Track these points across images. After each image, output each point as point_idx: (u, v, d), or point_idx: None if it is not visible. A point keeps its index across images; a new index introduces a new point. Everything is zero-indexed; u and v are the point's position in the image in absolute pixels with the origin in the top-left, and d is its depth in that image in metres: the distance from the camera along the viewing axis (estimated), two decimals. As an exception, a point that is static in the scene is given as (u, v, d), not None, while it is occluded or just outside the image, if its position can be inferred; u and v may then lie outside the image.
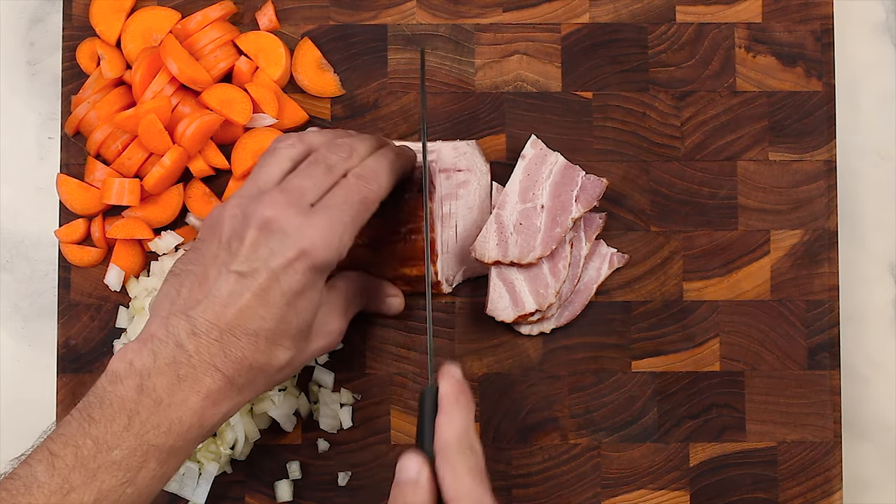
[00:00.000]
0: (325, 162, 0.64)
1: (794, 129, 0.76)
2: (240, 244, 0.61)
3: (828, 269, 0.75)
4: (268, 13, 0.76)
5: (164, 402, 0.58)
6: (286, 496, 0.74)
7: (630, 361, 0.75)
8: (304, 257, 0.60)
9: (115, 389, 0.58)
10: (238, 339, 0.60)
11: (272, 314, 0.60)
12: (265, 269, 0.60)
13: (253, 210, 0.61)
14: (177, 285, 0.62)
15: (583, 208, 0.73)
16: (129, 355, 0.59)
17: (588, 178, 0.73)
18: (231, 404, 0.60)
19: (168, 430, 0.58)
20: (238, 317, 0.60)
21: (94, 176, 0.74)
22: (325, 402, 0.74)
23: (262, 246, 0.60)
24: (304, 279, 0.61)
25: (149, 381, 0.58)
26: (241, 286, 0.60)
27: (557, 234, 0.72)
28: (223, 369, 0.59)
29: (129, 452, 0.57)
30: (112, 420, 0.57)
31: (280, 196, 0.61)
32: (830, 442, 0.74)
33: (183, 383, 0.59)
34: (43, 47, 0.79)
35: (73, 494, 0.56)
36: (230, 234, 0.61)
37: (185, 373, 0.59)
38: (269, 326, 0.60)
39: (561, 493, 0.74)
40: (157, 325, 0.61)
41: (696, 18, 0.76)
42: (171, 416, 0.58)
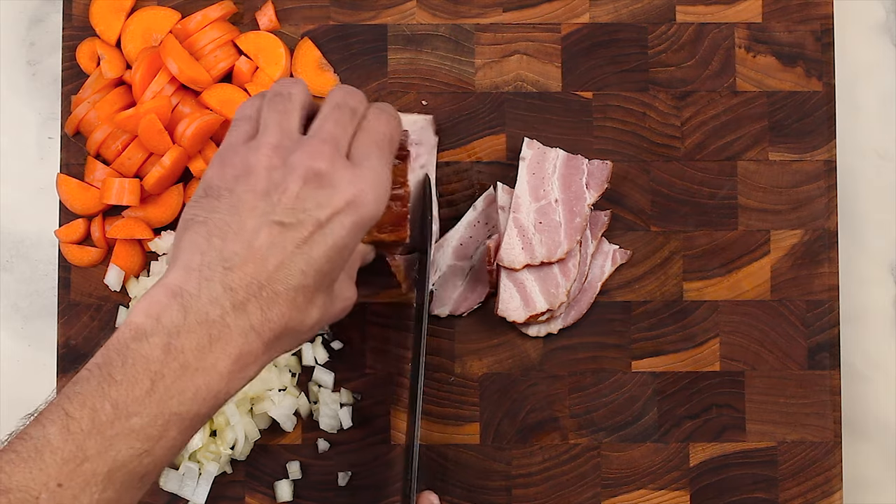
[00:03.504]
0: (349, 105, 0.61)
1: (794, 129, 0.76)
2: (282, 195, 0.57)
3: (828, 269, 0.75)
4: (268, 13, 0.76)
5: (191, 366, 0.54)
6: (286, 496, 0.74)
7: (630, 361, 0.75)
8: (352, 209, 0.58)
9: (139, 347, 0.53)
10: (278, 295, 0.56)
11: (314, 269, 0.57)
12: (311, 220, 0.57)
13: (298, 161, 0.57)
14: (205, 234, 0.57)
15: (595, 193, 0.73)
16: (155, 308, 0.54)
17: (592, 164, 0.74)
18: (258, 367, 0.57)
19: (193, 396, 0.54)
20: (279, 270, 0.56)
21: (94, 176, 0.74)
22: (325, 402, 0.74)
23: (309, 198, 0.57)
24: (349, 233, 0.58)
25: (177, 341, 0.54)
26: (284, 238, 0.56)
27: (579, 224, 0.72)
28: (259, 330, 0.55)
29: (150, 420, 0.52)
30: (134, 382, 0.53)
31: (323, 146, 0.58)
32: (830, 442, 0.74)
33: (215, 345, 0.54)
34: (43, 47, 0.79)
35: (87, 464, 0.51)
36: (269, 185, 0.57)
37: (217, 333, 0.54)
38: (308, 283, 0.57)
39: (561, 493, 0.74)
40: (186, 276, 0.56)
41: (696, 18, 0.76)
42: (199, 381, 0.54)
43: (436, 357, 0.74)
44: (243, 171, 0.58)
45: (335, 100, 0.62)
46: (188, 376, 0.54)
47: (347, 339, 0.75)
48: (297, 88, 0.62)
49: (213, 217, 0.57)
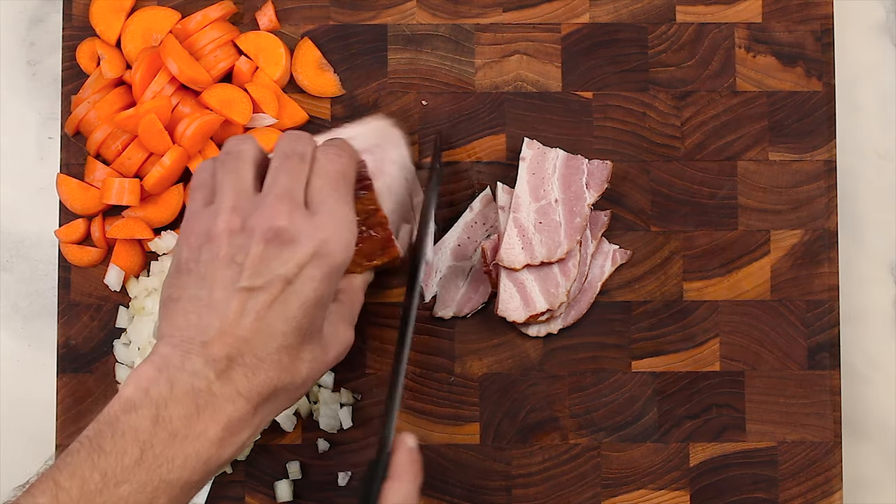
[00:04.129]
0: (297, 153, 0.60)
1: (794, 129, 0.76)
2: (245, 259, 0.57)
3: (828, 269, 0.75)
4: (268, 13, 0.76)
5: (180, 434, 0.54)
6: (286, 496, 0.74)
7: (630, 361, 0.75)
8: (319, 260, 0.58)
9: (128, 419, 0.54)
10: (261, 360, 0.56)
11: (292, 327, 0.57)
12: (279, 279, 0.57)
13: (256, 222, 0.57)
14: (181, 311, 0.57)
15: (595, 193, 0.73)
16: (143, 382, 0.55)
17: (592, 164, 0.74)
18: (251, 431, 0.57)
19: (183, 464, 0.54)
20: (256, 335, 0.56)
21: (94, 176, 0.74)
22: (325, 402, 0.74)
23: (273, 258, 0.57)
24: (321, 284, 0.58)
25: (165, 412, 0.54)
26: (255, 302, 0.56)
27: (578, 224, 0.72)
28: (246, 394, 0.56)
29: (139, 487, 0.53)
30: (123, 452, 0.53)
31: (279, 203, 0.58)
32: (830, 442, 0.74)
33: (202, 413, 0.55)
34: (43, 47, 0.79)
35: None
36: (232, 251, 0.57)
37: (204, 402, 0.55)
38: (290, 342, 0.57)
39: (561, 493, 0.74)
40: (170, 351, 0.56)
41: (696, 18, 0.76)
42: (188, 449, 0.54)
43: (436, 357, 0.74)
44: (205, 239, 0.58)
45: (282, 150, 0.61)
46: (177, 444, 0.54)
47: (347, 339, 0.75)
48: (246, 145, 0.61)
49: (185, 294, 0.58)
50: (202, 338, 0.56)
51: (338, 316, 0.63)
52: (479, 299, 0.74)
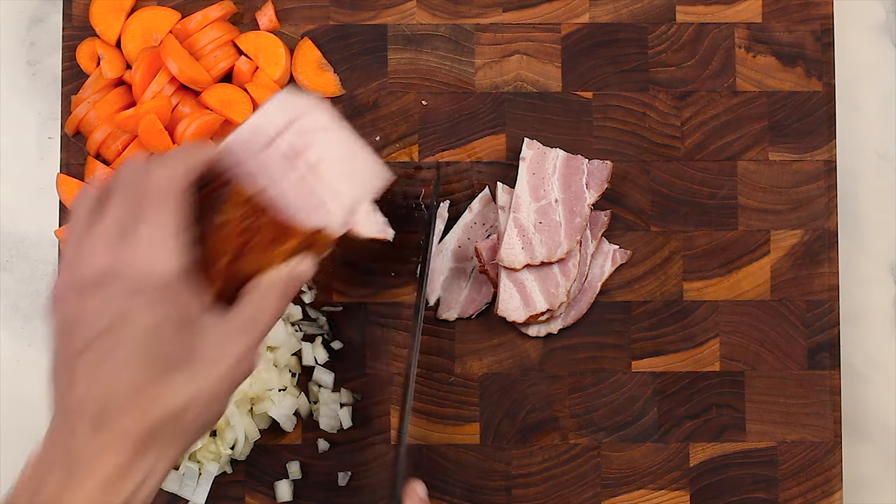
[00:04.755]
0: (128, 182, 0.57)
1: (794, 129, 0.76)
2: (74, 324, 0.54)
3: (828, 269, 0.75)
4: (268, 13, 0.76)
5: None
6: (286, 496, 0.74)
7: (630, 361, 0.75)
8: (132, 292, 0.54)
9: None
10: (120, 401, 0.53)
11: (132, 367, 0.53)
12: (99, 323, 0.54)
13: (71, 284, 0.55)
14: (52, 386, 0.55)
15: (595, 193, 0.73)
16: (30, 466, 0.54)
17: (592, 164, 0.74)
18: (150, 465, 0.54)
19: None
20: (107, 384, 0.53)
21: (94, 176, 0.74)
22: (325, 402, 0.74)
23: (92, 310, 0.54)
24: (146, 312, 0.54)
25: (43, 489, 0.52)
26: (92, 355, 0.53)
27: (578, 224, 0.72)
28: (115, 445, 0.53)
29: None
30: None
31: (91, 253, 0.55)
32: (830, 442, 0.74)
33: (73, 477, 0.52)
34: (43, 47, 0.79)
35: None
36: (65, 323, 0.55)
37: (76, 464, 0.52)
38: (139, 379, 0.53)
39: (561, 493, 0.74)
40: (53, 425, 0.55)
41: (696, 18, 0.76)
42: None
43: (436, 357, 0.74)
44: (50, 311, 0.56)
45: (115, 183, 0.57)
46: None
47: (347, 339, 0.75)
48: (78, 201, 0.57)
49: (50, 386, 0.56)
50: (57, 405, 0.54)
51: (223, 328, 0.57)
52: (483, 300, 0.74)
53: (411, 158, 0.75)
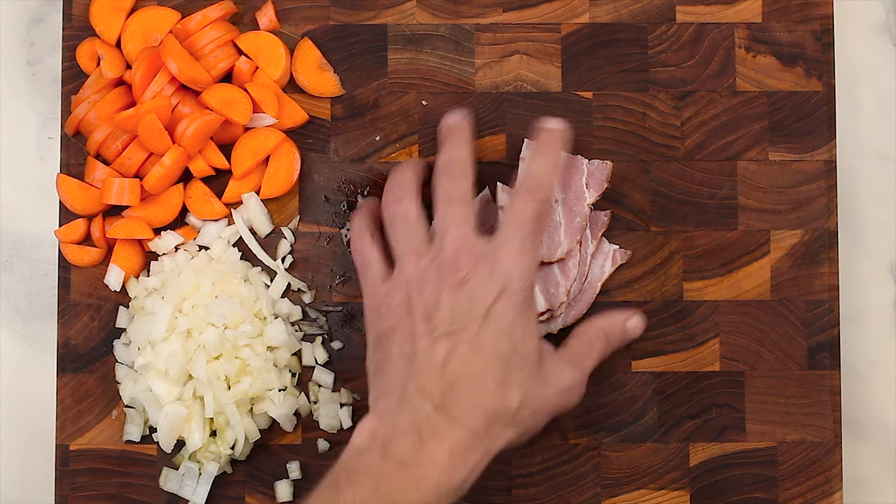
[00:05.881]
0: (457, 195, 0.67)
1: (794, 129, 0.76)
2: (438, 312, 0.63)
3: (828, 269, 0.75)
4: (268, 13, 0.76)
5: (408, 463, 0.60)
6: (286, 496, 0.74)
7: (630, 361, 0.75)
8: (504, 295, 0.63)
9: (360, 460, 0.61)
10: (468, 388, 0.62)
11: (491, 356, 0.63)
12: (472, 319, 0.63)
13: (438, 278, 0.64)
14: (391, 371, 0.64)
15: (595, 193, 0.73)
16: (367, 430, 0.62)
17: (592, 164, 0.74)
18: (479, 455, 0.62)
19: (416, 487, 0.60)
20: (461, 369, 0.62)
21: (94, 176, 0.74)
22: (325, 402, 0.74)
23: (462, 302, 0.63)
24: (510, 313, 0.63)
25: (392, 447, 0.61)
26: (455, 342, 0.63)
27: (578, 224, 0.72)
28: (462, 421, 0.62)
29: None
30: (359, 485, 0.60)
31: (456, 256, 0.64)
32: (830, 442, 0.74)
33: (426, 443, 0.61)
34: (43, 47, 0.79)
35: None
36: (427, 309, 0.64)
37: (426, 433, 0.61)
38: (491, 367, 0.63)
39: (561, 493, 0.74)
40: (384, 403, 0.64)
41: (696, 18, 0.76)
42: (418, 474, 0.60)
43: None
44: (398, 305, 0.65)
45: (444, 193, 0.67)
46: (407, 472, 0.60)
47: (347, 339, 0.75)
48: (406, 201, 0.68)
49: (390, 354, 0.65)
50: (414, 382, 0.63)
51: (560, 357, 0.68)
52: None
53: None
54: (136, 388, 0.72)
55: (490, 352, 0.63)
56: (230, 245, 0.75)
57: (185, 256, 0.74)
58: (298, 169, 0.75)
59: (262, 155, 0.74)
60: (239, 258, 0.75)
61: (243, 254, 0.75)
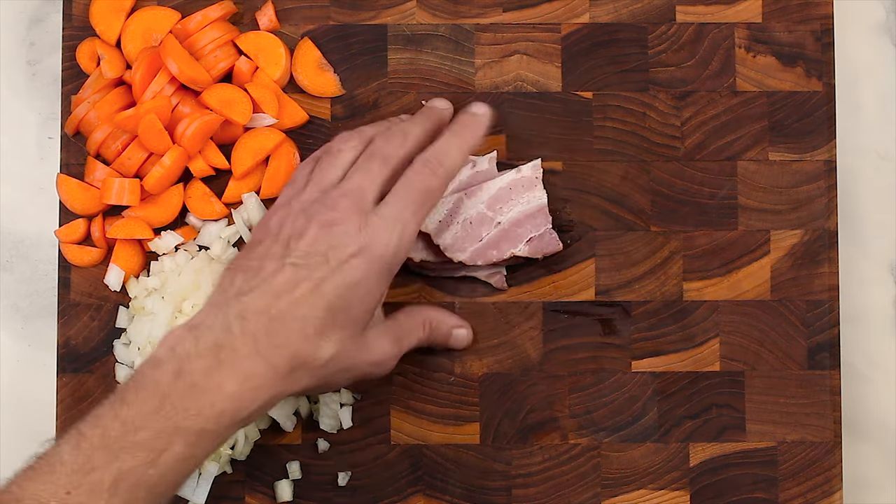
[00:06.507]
0: (381, 154, 0.66)
1: (794, 129, 0.76)
2: (298, 240, 0.62)
3: (828, 269, 0.75)
4: (268, 13, 0.76)
5: (198, 385, 0.58)
6: (286, 496, 0.74)
7: (630, 361, 0.75)
8: (362, 254, 0.62)
9: (152, 374, 0.59)
10: (286, 324, 0.60)
11: (323, 303, 0.61)
12: (324, 262, 0.62)
13: (315, 211, 0.63)
14: (230, 278, 0.63)
15: (527, 252, 0.72)
16: (171, 341, 0.60)
17: (551, 234, 0.72)
18: (272, 393, 0.60)
19: (198, 413, 0.58)
20: (290, 306, 0.61)
21: (94, 176, 0.74)
22: (325, 402, 0.74)
23: (322, 242, 0.62)
24: (361, 273, 0.62)
25: (187, 366, 0.59)
26: (297, 276, 0.61)
27: (490, 256, 0.72)
28: (266, 354, 0.60)
29: (155, 434, 0.57)
30: (144, 403, 0.58)
31: (342, 199, 0.63)
32: (830, 442, 0.74)
33: (222, 367, 0.59)
34: (43, 47, 0.79)
35: (94, 474, 0.56)
36: (290, 233, 0.63)
37: (225, 356, 0.59)
38: (318, 315, 0.61)
39: (561, 493, 0.74)
40: (205, 312, 0.62)
41: (696, 18, 0.76)
42: (204, 399, 0.58)
43: (436, 357, 0.74)
44: (274, 222, 0.65)
45: (370, 149, 0.66)
46: (194, 395, 0.58)
47: (347, 339, 0.75)
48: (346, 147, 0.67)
49: (243, 263, 0.64)
50: (241, 297, 0.61)
51: (385, 328, 0.68)
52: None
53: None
54: (136, 388, 0.72)
55: (324, 301, 0.61)
56: (230, 245, 0.75)
57: (185, 256, 0.74)
58: (298, 169, 0.75)
59: (262, 155, 0.74)
60: (239, 258, 0.75)
61: (243, 254, 0.75)
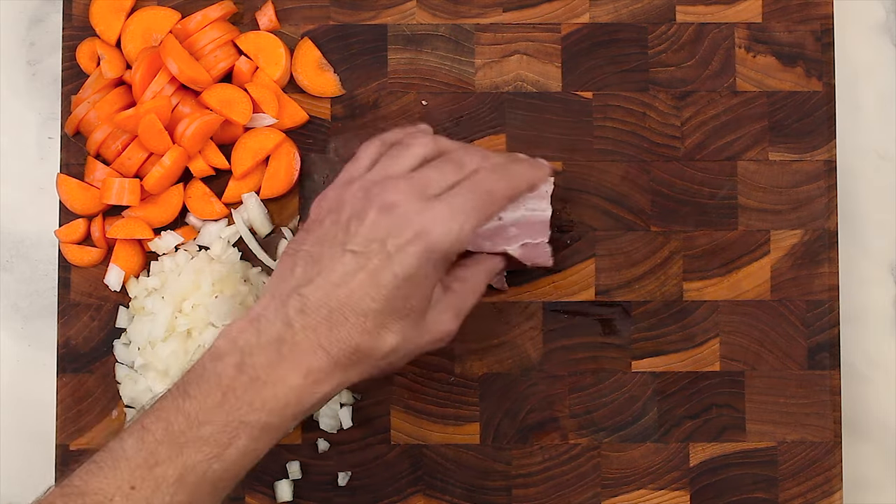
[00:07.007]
0: (457, 160, 0.65)
1: (794, 129, 0.76)
2: (359, 225, 0.61)
3: (828, 269, 0.75)
4: (268, 13, 0.76)
5: (261, 379, 0.58)
6: (286, 496, 0.74)
7: (630, 361, 0.75)
8: (420, 240, 0.60)
9: (214, 366, 0.59)
10: (346, 318, 0.60)
11: (382, 295, 0.60)
12: (380, 249, 0.60)
13: (377, 193, 0.62)
14: (290, 265, 0.62)
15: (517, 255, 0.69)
16: (233, 333, 0.60)
17: (545, 248, 0.70)
18: (333, 385, 0.60)
19: (262, 406, 0.58)
20: (349, 296, 0.60)
21: (94, 176, 0.74)
22: (325, 402, 0.74)
23: (381, 227, 0.61)
24: (417, 262, 0.61)
25: (250, 359, 0.58)
26: (355, 265, 0.60)
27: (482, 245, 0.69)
28: (328, 348, 0.59)
29: (220, 428, 0.57)
30: (207, 396, 0.57)
31: (405, 183, 0.62)
32: (830, 442, 0.74)
33: (284, 361, 0.59)
34: (43, 47, 0.79)
35: (158, 468, 0.56)
36: (350, 215, 0.62)
37: (287, 350, 0.59)
38: (377, 307, 0.60)
39: (561, 493, 0.74)
40: (266, 303, 0.61)
41: (696, 18, 0.76)
42: (267, 393, 0.58)
43: (436, 357, 0.74)
44: (335, 202, 0.63)
45: (449, 155, 0.65)
46: (256, 388, 0.58)
47: (347, 339, 0.75)
48: (420, 143, 0.65)
49: (301, 249, 0.62)
50: (301, 289, 0.60)
51: (445, 305, 0.65)
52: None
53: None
54: (136, 388, 0.72)
55: (383, 292, 0.60)
56: (230, 245, 0.75)
57: (185, 256, 0.74)
58: (298, 169, 0.75)
59: (262, 155, 0.74)
60: (239, 258, 0.75)
61: (243, 254, 0.75)
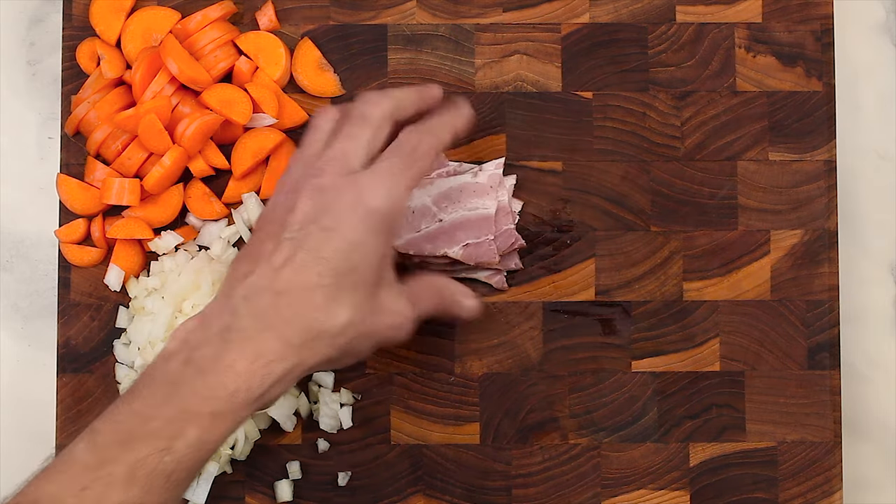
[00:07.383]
0: (358, 114, 0.64)
1: (794, 129, 0.76)
2: (292, 215, 0.61)
3: (828, 269, 0.75)
4: (268, 13, 0.76)
5: (207, 369, 0.58)
6: (286, 496, 0.74)
7: (630, 361, 0.75)
8: (355, 209, 0.60)
9: (163, 365, 0.59)
10: (293, 297, 0.59)
11: (326, 269, 0.59)
12: (318, 228, 0.60)
13: (302, 183, 0.62)
14: (235, 266, 0.62)
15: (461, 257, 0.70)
16: (182, 333, 0.60)
17: (490, 245, 0.70)
18: (287, 367, 0.59)
19: (210, 395, 0.57)
20: (293, 276, 0.59)
21: (94, 176, 0.74)
22: (325, 402, 0.74)
23: (313, 210, 0.61)
24: (357, 229, 0.60)
25: (197, 353, 0.58)
26: (294, 248, 0.60)
27: (424, 248, 0.70)
28: (277, 329, 0.59)
29: (167, 421, 0.56)
30: (155, 393, 0.58)
31: (326, 164, 0.62)
32: (830, 442, 0.74)
33: (230, 348, 0.58)
34: (43, 47, 0.79)
35: (108, 467, 0.55)
36: (283, 210, 0.62)
37: (233, 337, 0.58)
38: (324, 282, 0.59)
39: (561, 493, 0.74)
40: (215, 302, 0.61)
41: (696, 18, 0.76)
42: (213, 381, 0.57)
43: (436, 357, 0.74)
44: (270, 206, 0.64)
45: (347, 111, 0.65)
46: (202, 378, 0.57)
47: (347, 339, 0.75)
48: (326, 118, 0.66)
49: (245, 251, 0.63)
50: (244, 280, 0.60)
51: (399, 290, 0.65)
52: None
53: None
54: (136, 388, 0.72)
55: (328, 266, 0.59)
56: (230, 245, 0.75)
57: (185, 256, 0.74)
58: (298, 169, 0.75)
59: (262, 155, 0.74)
60: (239, 258, 0.75)
61: (243, 254, 0.75)
